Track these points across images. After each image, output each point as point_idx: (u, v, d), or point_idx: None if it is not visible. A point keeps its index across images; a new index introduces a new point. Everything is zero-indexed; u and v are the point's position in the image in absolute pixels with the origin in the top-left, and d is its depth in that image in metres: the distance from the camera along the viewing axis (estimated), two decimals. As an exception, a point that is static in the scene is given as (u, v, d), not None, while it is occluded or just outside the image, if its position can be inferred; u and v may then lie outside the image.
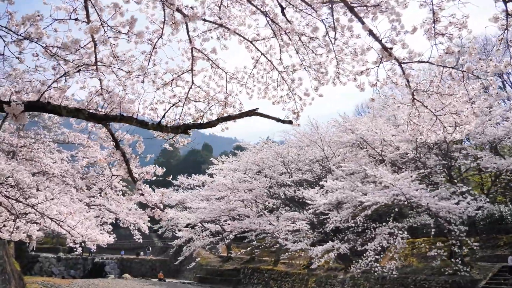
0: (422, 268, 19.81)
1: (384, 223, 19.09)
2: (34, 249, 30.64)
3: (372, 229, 19.28)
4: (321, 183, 17.63)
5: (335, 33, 4.81)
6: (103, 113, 3.47)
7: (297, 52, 5.44)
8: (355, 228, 20.02)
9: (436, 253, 15.05)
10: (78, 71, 3.91)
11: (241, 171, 25.79)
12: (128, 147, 4.01)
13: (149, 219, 18.91)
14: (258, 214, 21.98)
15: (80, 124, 7.08)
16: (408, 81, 4.24)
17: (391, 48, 3.97)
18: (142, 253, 38.89)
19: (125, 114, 3.55)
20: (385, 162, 16.42)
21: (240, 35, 6.03)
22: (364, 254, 17.39)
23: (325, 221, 22.26)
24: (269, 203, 23.29)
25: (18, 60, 3.12)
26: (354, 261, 21.74)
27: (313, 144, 24.89)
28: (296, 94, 6.39)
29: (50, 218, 6.12)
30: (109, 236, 8.82)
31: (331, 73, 5.17)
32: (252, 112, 4.43)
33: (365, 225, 19.90)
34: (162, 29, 5.59)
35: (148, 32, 5.57)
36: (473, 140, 14.91)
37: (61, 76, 3.18)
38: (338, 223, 19.42)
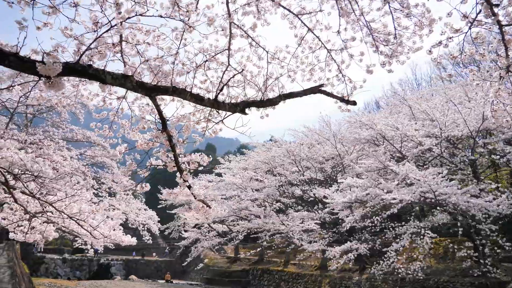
0: (443, 269, 19.06)
1: (403, 222, 18.35)
2: (42, 250, 30.02)
3: (390, 228, 18.54)
4: (339, 180, 16.91)
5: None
6: (153, 84, 2.79)
7: (357, 21, 4.71)
8: (372, 227, 19.29)
9: (465, 254, 14.32)
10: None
11: (250, 169, 25.10)
12: (174, 130, 3.32)
13: (158, 219, 18.38)
14: (268, 213, 21.26)
15: (101, 113, 6.37)
16: (507, 49, 3.53)
17: (497, 5, 3.26)
18: (154, 254, 38.22)
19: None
20: (408, 158, 15.70)
21: (285, 8, 5.33)
22: (385, 255, 16.66)
23: (339, 221, 21.55)
24: (282, 202, 22.59)
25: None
26: (368, 262, 21.09)
27: (324, 142, 24.18)
28: (346, 75, 5.69)
29: (70, 217, 5.43)
30: (131, 237, 8.16)
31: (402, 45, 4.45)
32: (317, 89, 3.77)
33: (382, 224, 19.15)
34: (197, 1, 4.90)
35: (182, 5, 4.88)
36: (502, 134, 14.17)
37: (107, 31, 2.50)
38: (354, 223, 18.69)
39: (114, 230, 6.64)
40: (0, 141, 4.62)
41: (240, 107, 3.33)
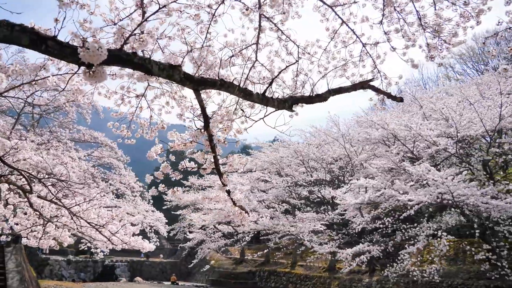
0: (456, 271, 18.70)
1: (415, 224, 18.01)
2: (47, 252, 29.77)
3: (402, 230, 18.20)
4: (351, 181, 16.57)
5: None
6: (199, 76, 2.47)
7: (400, 11, 4.38)
8: (384, 229, 18.94)
9: (483, 256, 13.94)
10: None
11: (258, 170, 24.77)
12: (215, 129, 3.00)
13: (166, 221, 18.12)
14: (277, 215, 20.91)
15: (119, 112, 6.04)
16: None
17: None
18: (161, 256, 37.90)
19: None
20: (424, 158, 15.35)
21: (319, -1, 5.00)
22: (399, 257, 16.32)
23: (348, 222, 21.21)
24: (289, 203, 22.26)
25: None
26: (378, 265, 20.74)
27: (332, 142, 23.85)
28: (381, 71, 5.36)
29: (89, 223, 5.12)
30: (150, 243, 7.83)
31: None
32: (366, 84, 3.46)
33: (394, 226, 18.81)
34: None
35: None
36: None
37: (155, 13, 2.18)
38: (365, 224, 18.35)
39: (134, 235, 6.33)
40: (18, 142, 4.32)
41: (289, 103, 3.03)
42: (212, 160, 3.12)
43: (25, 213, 6.10)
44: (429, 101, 16.59)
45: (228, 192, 3.37)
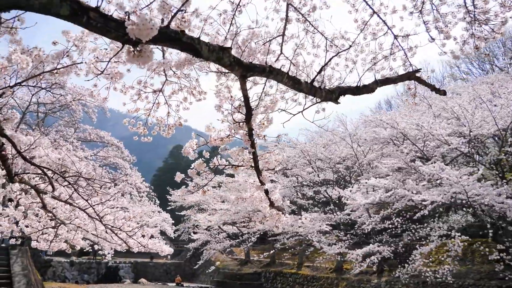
0: (466, 271, 18.41)
1: (425, 224, 17.75)
2: (51, 253, 29.50)
3: (412, 230, 17.94)
4: (361, 180, 16.29)
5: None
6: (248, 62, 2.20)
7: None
8: (393, 230, 18.69)
9: (497, 257, 13.66)
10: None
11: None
12: (255, 122, 2.73)
13: (173, 221, 17.86)
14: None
15: (135, 108, 5.80)
16: None
17: None
18: (168, 256, 37.58)
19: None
20: (435, 157, 15.07)
21: (350, -12, 4.73)
22: (410, 258, 16.05)
23: (356, 223, 20.93)
24: (295, 203, 21.97)
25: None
26: (386, 265, 20.44)
27: (339, 142, 23.57)
28: (413, 65, 5.07)
29: (105, 225, 4.85)
30: (168, 245, 7.54)
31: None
32: (413, 75, 3.21)
33: (403, 226, 18.56)
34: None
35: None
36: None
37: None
38: (375, 225, 18.09)
39: (151, 238, 6.06)
40: (36, 139, 4.05)
41: (336, 94, 2.77)
42: (250, 156, 2.85)
43: (37, 215, 5.84)
44: (441, 99, 16.31)
45: (266, 191, 3.10)
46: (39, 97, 10.33)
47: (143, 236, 6.46)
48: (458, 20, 4.81)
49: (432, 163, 13.33)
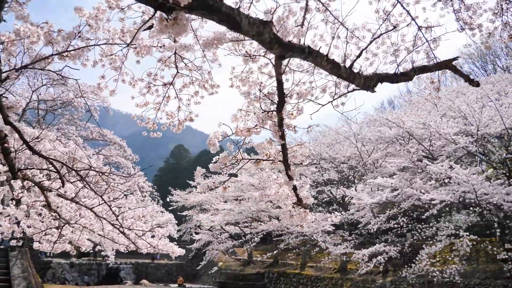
0: (472, 271, 18.20)
1: (431, 224, 17.55)
2: (51, 255, 29.17)
3: (418, 230, 17.74)
4: (368, 180, 16.06)
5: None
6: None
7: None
8: (398, 229, 18.50)
9: (506, 256, 13.43)
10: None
11: (266, 169, 24.23)
12: (285, 111, 2.47)
13: (176, 222, 17.58)
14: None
15: (144, 102, 5.67)
16: None
17: None
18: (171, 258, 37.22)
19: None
20: (443, 156, 14.86)
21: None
22: (417, 257, 15.85)
23: (360, 223, 20.71)
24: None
25: None
26: (391, 265, 20.21)
27: (343, 141, 23.34)
28: (437, 57, 4.82)
29: (113, 225, 4.59)
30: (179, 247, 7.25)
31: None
32: (450, 63, 2.96)
33: (409, 226, 18.37)
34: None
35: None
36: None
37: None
38: (379, 224, 17.89)
39: (161, 238, 5.79)
40: (41, 131, 3.79)
41: (373, 81, 2.53)
42: (279, 149, 2.60)
43: (40, 214, 5.57)
44: (448, 98, 16.09)
45: (295, 188, 2.85)
46: (40, 94, 10.04)
47: (153, 236, 6.19)
48: (483, 11, 4.58)
49: (440, 162, 13.09)
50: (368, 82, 2.58)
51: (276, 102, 2.44)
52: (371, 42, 3.23)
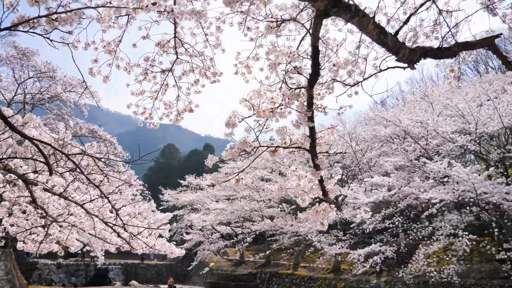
0: (467, 271, 18.22)
1: (425, 223, 17.50)
2: (37, 256, 28.20)
3: (414, 230, 17.67)
4: (365, 179, 15.87)
5: None
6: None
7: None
8: (394, 229, 18.41)
9: (505, 256, 13.39)
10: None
11: (260, 169, 23.91)
12: (313, 90, 2.11)
13: (168, 222, 17.07)
14: (284, 215, 20.07)
15: (140, 90, 5.34)
16: None
17: None
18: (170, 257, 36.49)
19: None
20: (442, 155, 14.75)
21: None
22: (413, 258, 15.72)
23: (353, 222, 20.56)
24: (293, 203, 21.45)
25: None
26: (385, 265, 20.13)
27: (337, 140, 23.17)
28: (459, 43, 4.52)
29: (105, 223, 4.15)
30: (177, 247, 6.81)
31: None
32: (493, 40, 2.65)
33: (404, 225, 18.30)
34: None
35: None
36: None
37: None
38: (376, 224, 17.76)
39: (158, 238, 5.35)
40: (26, 116, 3.34)
41: (417, 55, 2.20)
42: (305, 133, 2.23)
43: (24, 212, 5.07)
44: (446, 97, 16.02)
45: (321, 179, 2.49)
46: (26, 87, 9.44)
47: (161, 236, 5.76)
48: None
49: (439, 161, 12.96)
50: (412, 55, 2.26)
51: (308, 77, 2.07)
52: (421, 5, 2.89)
